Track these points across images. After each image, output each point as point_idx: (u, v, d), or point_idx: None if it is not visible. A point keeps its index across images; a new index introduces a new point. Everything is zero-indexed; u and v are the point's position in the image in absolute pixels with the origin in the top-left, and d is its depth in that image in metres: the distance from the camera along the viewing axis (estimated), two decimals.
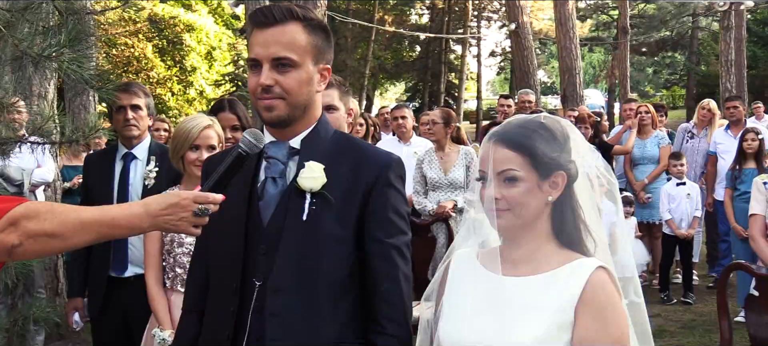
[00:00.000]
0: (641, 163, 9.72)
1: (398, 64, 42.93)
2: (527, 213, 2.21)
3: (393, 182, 2.45)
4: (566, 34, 19.91)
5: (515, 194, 2.20)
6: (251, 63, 2.41)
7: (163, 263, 3.92)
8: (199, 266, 2.65)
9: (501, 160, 2.22)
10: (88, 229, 2.20)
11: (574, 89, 19.43)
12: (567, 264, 2.21)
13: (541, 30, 42.69)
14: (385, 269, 2.41)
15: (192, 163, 3.87)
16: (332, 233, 2.37)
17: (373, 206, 2.41)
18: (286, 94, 2.38)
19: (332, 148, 2.48)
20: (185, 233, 2.28)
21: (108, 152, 4.81)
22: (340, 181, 2.40)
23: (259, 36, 2.39)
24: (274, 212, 2.42)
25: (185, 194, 2.24)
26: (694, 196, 9.04)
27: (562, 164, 2.23)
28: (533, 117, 2.33)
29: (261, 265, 2.39)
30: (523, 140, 2.22)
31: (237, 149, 2.31)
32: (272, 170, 2.46)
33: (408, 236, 2.49)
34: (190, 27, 26.68)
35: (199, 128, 3.90)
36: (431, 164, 7.44)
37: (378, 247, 2.41)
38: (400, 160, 2.52)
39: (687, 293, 8.95)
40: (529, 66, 20.35)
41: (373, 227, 2.41)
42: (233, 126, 4.59)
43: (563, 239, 2.26)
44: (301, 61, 2.39)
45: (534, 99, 11.24)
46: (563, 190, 2.24)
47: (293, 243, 2.37)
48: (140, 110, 4.65)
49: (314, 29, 2.44)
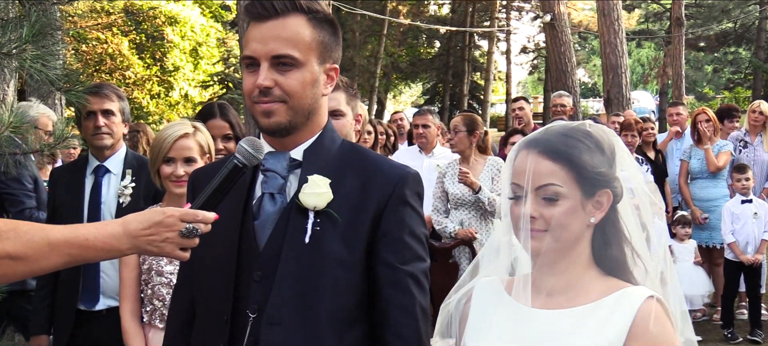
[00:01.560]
0: (700, 177, 9.68)
1: (414, 63, 43.03)
2: (567, 236, 2.21)
3: (409, 199, 2.45)
4: (610, 27, 19.87)
5: (556, 214, 2.20)
6: (247, 61, 2.41)
7: (140, 295, 3.92)
8: (183, 296, 2.65)
9: (541, 174, 2.22)
10: (57, 251, 2.20)
11: (619, 91, 19.37)
12: (611, 294, 2.20)
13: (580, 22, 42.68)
14: (398, 299, 2.40)
15: (167, 179, 3.87)
16: (338, 257, 2.37)
17: (386, 227, 2.41)
18: (287, 96, 2.39)
19: (339, 160, 2.49)
20: (170, 256, 2.27)
21: (77, 165, 4.82)
22: (348, 198, 2.40)
23: (257, 30, 2.40)
24: (271, 233, 2.41)
25: (171, 211, 2.24)
26: (763, 215, 8.93)
27: (608, 181, 2.23)
28: (578, 125, 2.33)
29: (256, 294, 2.39)
30: (568, 151, 2.22)
31: (232, 160, 2.32)
32: (270, 185, 2.46)
33: (426, 263, 2.48)
34: (173, 19, 26.84)
35: (173, 138, 3.88)
36: (455, 179, 7.42)
37: (390, 274, 2.40)
38: (417, 174, 2.52)
39: (754, 331, 8.86)
40: (567, 64, 20.31)
41: (385, 251, 2.41)
42: (225, 135, 4.60)
43: (606, 265, 2.25)
44: (305, 60, 2.40)
45: (570, 103, 11.19)
46: (607, 211, 2.23)
47: (293, 269, 2.36)
48: (113, 116, 4.65)
49: (320, 23, 2.45)
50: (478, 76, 43.84)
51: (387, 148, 9.96)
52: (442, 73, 42.55)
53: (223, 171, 2.31)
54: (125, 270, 3.94)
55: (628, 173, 2.31)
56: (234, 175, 2.31)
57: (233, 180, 2.32)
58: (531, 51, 46.58)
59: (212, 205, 2.29)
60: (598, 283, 2.23)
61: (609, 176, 2.24)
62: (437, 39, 43.81)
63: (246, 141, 2.36)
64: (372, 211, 2.40)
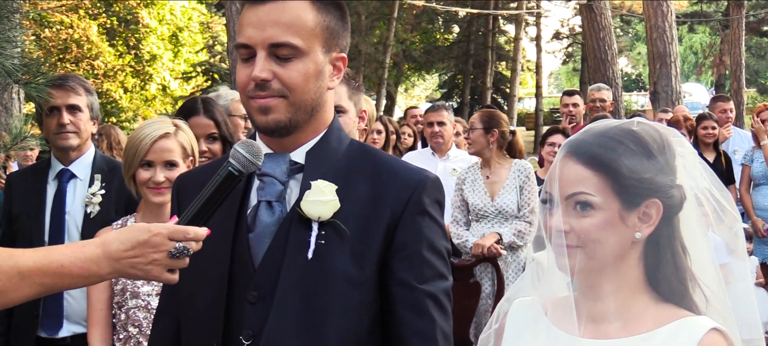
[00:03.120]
0: (764, 183, 9.66)
1: (429, 51, 43.03)
2: (604, 253, 2.21)
3: (428, 207, 2.44)
4: (658, 9, 19.85)
5: (588, 227, 2.19)
6: (241, 50, 2.41)
7: (112, 320, 3.91)
8: (166, 321, 2.65)
9: (571, 181, 2.22)
10: (28, 280, 2.19)
11: (668, 83, 19.34)
12: (669, 324, 2.19)
13: (622, 3, 42.62)
14: (416, 323, 2.40)
15: (145, 186, 3.87)
16: (347, 275, 2.37)
17: (402, 240, 2.40)
18: (287, 91, 2.39)
19: (347, 164, 2.49)
20: (157, 280, 2.27)
21: (37, 170, 4.83)
22: (357, 206, 2.40)
23: (253, 13, 2.40)
24: (269, 247, 2.41)
25: (157, 229, 2.24)
26: None
27: (657, 189, 2.21)
28: (622, 123, 2.31)
29: (251, 317, 2.39)
30: (603, 154, 2.21)
31: (226, 167, 2.31)
32: (267, 192, 2.45)
33: (448, 282, 2.48)
34: (149, 0, 26.93)
35: (152, 138, 3.87)
36: (474, 186, 7.39)
37: (407, 294, 2.40)
38: (436, 179, 2.52)
39: None
40: (607, 52, 20.29)
41: (400, 268, 2.40)
42: (210, 135, 4.59)
43: (662, 289, 2.24)
44: (308, 49, 2.40)
45: (610, 97, 11.14)
46: (658, 224, 2.22)
47: (295, 289, 2.36)
48: (80, 112, 4.66)
49: (325, 5, 2.45)
50: (504, 66, 43.83)
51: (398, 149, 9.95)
52: (461, 63, 42.54)
53: (215, 179, 2.30)
54: (94, 291, 3.92)
55: (693, 180, 2.28)
56: (228, 184, 2.31)
57: (227, 190, 2.31)
58: (565, 37, 46.52)
59: (203, 219, 2.28)
60: (654, 310, 2.22)
61: (658, 182, 2.22)
62: (456, 23, 43.83)
63: (242, 145, 2.35)
64: (385, 221, 2.40)
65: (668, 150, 2.26)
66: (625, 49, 48.17)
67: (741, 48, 27.67)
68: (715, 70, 37.75)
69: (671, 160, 2.26)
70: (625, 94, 33.31)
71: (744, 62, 28.19)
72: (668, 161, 2.25)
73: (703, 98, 37.82)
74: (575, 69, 48.74)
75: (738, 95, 24.67)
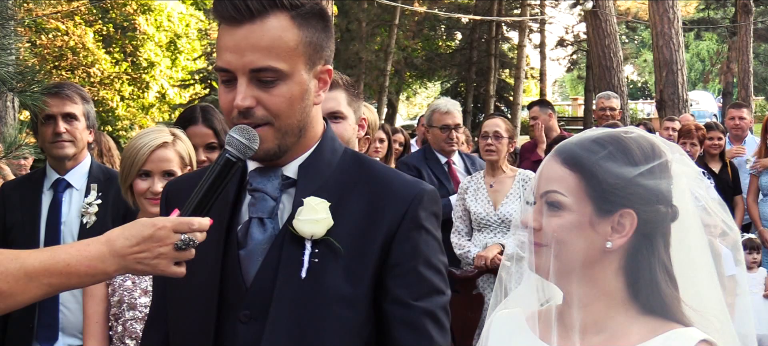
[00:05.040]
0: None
1: (431, 58, 42.99)
2: (569, 256, 2.21)
3: (424, 221, 2.43)
4: (664, 15, 19.85)
5: (555, 226, 2.20)
6: (223, 75, 2.36)
7: (108, 333, 3.91)
8: (154, 336, 2.64)
9: (548, 179, 2.24)
10: (35, 281, 2.20)
11: (674, 91, 19.34)
12: (656, 337, 2.18)
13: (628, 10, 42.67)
14: (412, 341, 2.39)
15: (142, 196, 3.86)
16: (341, 294, 2.35)
17: (397, 257, 2.39)
18: (272, 117, 2.35)
19: (341, 177, 2.47)
20: (165, 274, 2.26)
21: (32, 180, 4.83)
22: (352, 222, 2.39)
23: (229, 37, 2.34)
24: (261, 265, 2.40)
25: (161, 222, 2.24)
26: None
27: (634, 201, 2.19)
28: (614, 130, 2.31)
29: (243, 337, 2.38)
30: (582, 155, 2.21)
31: (224, 155, 2.30)
32: (259, 208, 2.44)
33: (445, 297, 2.47)
34: (146, 7, 26.93)
35: (150, 148, 3.87)
36: (477, 194, 7.38)
37: (403, 312, 2.39)
38: (433, 191, 2.51)
39: None
40: (612, 59, 20.30)
41: (396, 286, 2.39)
42: (208, 144, 4.59)
43: (648, 302, 2.23)
44: (291, 70, 2.35)
45: (619, 105, 11.08)
46: (632, 237, 2.20)
47: (288, 309, 2.35)
48: (76, 121, 4.66)
49: (306, 19, 2.38)
50: (507, 73, 43.75)
51: None
52: (464, 71, 42.46)
53: (213, 168, 2.29)
54: (90, 303, 3.92)
55: (686, 192, 2.27)
56: (227, 171, 2.29)
57: (226, 178, 2.30)
58: (569, 44, 46.48)
59: (204, 209, 2.28)
60: (639, 324, 2.22)
61: (637, 193, 2.19)
62: (458, 30, 43.79)
63: (237, 130, 2.31)
64: (381, 238, 2.38)
65: (657, 162, 2.23)
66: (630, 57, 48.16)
67: (749, 55, 27.67)
68: (723, 77, 37.68)
69: (660, 173, 2.23)
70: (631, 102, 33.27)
71: (752, 70, 28.19)
72: (654, 173, 2.22)
73: (711, 106, 37.82)
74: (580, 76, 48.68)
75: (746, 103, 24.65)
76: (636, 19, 42.10)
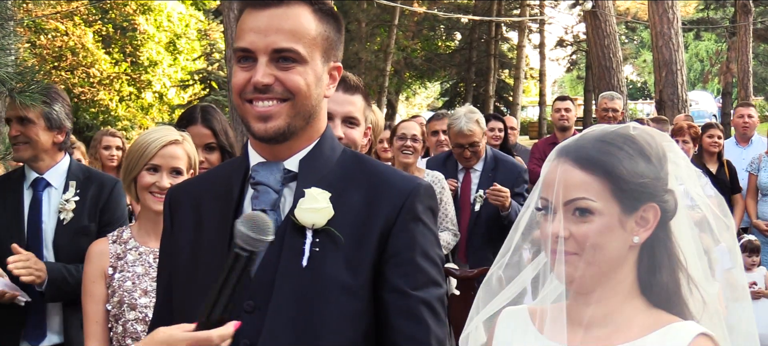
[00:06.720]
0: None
1: (431, 58, 43.04)
2: (603, 259, 2.22)
3: (421, 215, 2.47)
4: (663, 15, 19.84)
5: (588, 232, 2.21)
6: (241, 54, 2.43)
7: (108, 334, 3.91)
8: None
9: (572, 186, 2.23)
10: None
11: (674, 91, 19.34)
12: (656, 330, 2.20)
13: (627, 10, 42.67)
14: (410, 330, 2.42)
15: (147, 190, 3.87)
16: (341, 282, 2.38)
17: (395, 247, 2.42)
18: (290, 94, 2.42)
19: (341, 172, 2.51)
20: None
21: (12, 178, 4.85)
22: (351, 214, 2.42)
23: (254, 19, 2.42)
24: (264, 256, 2.41)
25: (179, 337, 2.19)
26: None
27: (654, 193, 2.23)
28: (618, 128, 2.33)
29: (247, 327, 2.38)
30: (603, 159, 2.22)
31: (233, 249, 2.23)
32: (261, 200, 2.47)
33: (442, 289, 2.50)
34: (146, 7, 26.93)
35: (161, 143, 3.89)
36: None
37: (401, 300, 2.42)
38: (429, 186, 2.54)
39: None
40: (612, 60, 20.30)
41: (394, 275, 2.42)
42: (207, 145, 4.58)
43: (654, 295, 2.25)
44: (309, 56, 2.44)
45: (621, 106, 11.06)
46: (655, 229, 2.23)
47: (290, 297, 2.38)
48: (31, 124, 4.63)
49: (325, 16, 2.50)
50: (507, 73, 43.81)
51: None
52: (463, 71, 42.50)
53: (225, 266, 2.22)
54: (90, 304, 3.92)
55: (685, 185, 2.30)
56: (239, 265, 2.22)
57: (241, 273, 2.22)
58: (569, 44, 46.52)
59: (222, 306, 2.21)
60: (643, 317, 2.24)
61: (656, 187, 2.24)
62: (458, 30, 43.83)
63: (245, 222, 2.24)
64: (379, 229, 2.42)
65: (663, 155, 2.29)
66: (630, 57, 48.19)
67: (748, 55, 27.64)
68: (722, 78, 37.62)
69: (665, 165, 2.28)
70: (631, 102, 33.25)
71: (751, 70, 28.16)
72: (663, 166, 2.28)
73: (710, 106, 37.82)
74: (579, 77, 48.74)
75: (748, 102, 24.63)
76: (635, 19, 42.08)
